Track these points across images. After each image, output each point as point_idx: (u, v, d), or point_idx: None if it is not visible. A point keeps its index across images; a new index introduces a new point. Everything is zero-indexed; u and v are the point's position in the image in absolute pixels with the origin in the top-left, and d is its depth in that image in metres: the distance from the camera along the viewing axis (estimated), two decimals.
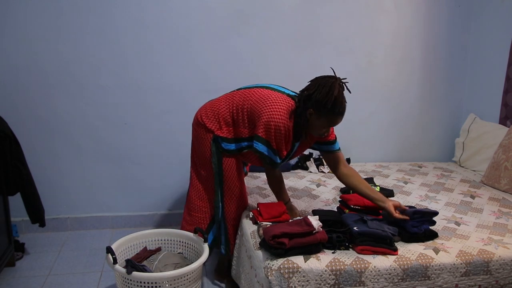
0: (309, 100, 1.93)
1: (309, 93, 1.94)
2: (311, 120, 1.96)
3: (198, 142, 2.22)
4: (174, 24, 2.82)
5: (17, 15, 2.63)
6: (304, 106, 1.96)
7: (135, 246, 2.24)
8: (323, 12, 3.01)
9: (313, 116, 1.95)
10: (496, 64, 3.05)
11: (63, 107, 2.81)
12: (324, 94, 1.88)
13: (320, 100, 1.89)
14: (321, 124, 1.96)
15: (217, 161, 2.16)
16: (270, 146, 1.98)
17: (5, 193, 2.35)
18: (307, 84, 2.01)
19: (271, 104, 1.99)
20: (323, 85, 1.91)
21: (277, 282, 1.64)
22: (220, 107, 2.16)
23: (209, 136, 2.16)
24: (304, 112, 1.96)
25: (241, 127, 2.11)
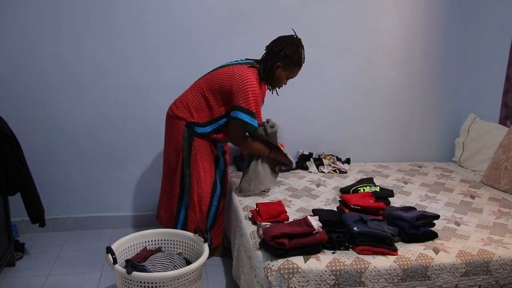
0: (278, 55, 2.27)
1: (278, 49, 2.27)
2: (277, 73, 2.31)
3: (171, 133, 2.40)
4: (174, 24, 2.82)
5: (17, 15, 2.63)
6: (273, 60, 2.28)
7: (135, 246, 2.24)
8: (323, 12, 3.01)
9: (279, 69, 2.30)
10: (496, 64, 3.05)
11: (63, 107, 2.81)
12: (293, 49, 2.27)
13: (288, 55, 2.26)
14: (286, 76, 2.33)
15: (187, 145, 2.35)
16: (249, 112, 2.23)
17: (5, 193, 2.35)
18: (271, 43, 2.34)
19: (239, 76, 2.25)
20: (291, 42, 2.29)
21: (277, 282, 1.64)
22: (187, 97, 2.38)
23: (182, 123, 2.35)
24: (272, 66, 2.28)
25: (216, 108, 2.32)
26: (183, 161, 2.36)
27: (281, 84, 2.38)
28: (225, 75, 2.30)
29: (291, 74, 2.34)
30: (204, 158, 2.38)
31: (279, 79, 2.34)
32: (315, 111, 3.17)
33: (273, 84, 2.37)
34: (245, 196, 2.41)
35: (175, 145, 2.38)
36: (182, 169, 2.37)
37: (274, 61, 2.29)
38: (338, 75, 3.15)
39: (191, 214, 2.42)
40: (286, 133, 3.15)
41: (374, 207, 2.06)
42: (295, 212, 2.21)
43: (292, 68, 2.31)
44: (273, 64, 2.29)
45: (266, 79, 2.34)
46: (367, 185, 2.46)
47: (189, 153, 2.35)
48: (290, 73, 2.33)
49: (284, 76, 2.33)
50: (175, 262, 2.11)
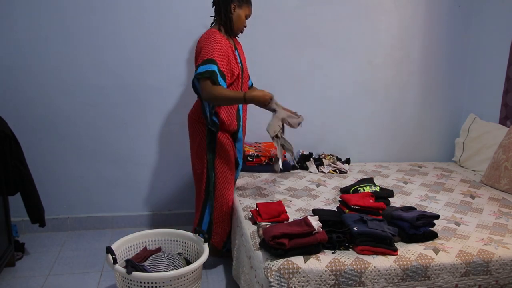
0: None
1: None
2: (235, 15, 2.29)
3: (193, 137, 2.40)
4: (174, 24, 2.82)
5: (17, 15, 2.63)
6: (225, 5, 2.26)
7: (135, 246, 2.24)
8: (323, 12, 3.01)
9: (236, 9, 2.28)
10: (496, 64, 3.05)
11: (63, 107, 2.81)
12: None
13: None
14: (244, 15, 2.31)
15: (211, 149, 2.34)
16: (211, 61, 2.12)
17: (5, 193, 2.35)
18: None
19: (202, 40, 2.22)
20: None
21: (277, 282, 1.64)
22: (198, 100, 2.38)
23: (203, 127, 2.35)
24: (227, 11, 2.27)
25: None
26: (208, 164, 2.35)
27: (242, 25, 2.35)
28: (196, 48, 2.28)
29: (247, 11, 2.33)
30: (228, 160, 2.38)
31: (238, 20, 2.31)
32: (315, 111, 3.17)
33: (234, 28, 2.32)
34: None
35: (199, 150, 2.37)
36: (207, 172, 2.36)
37: (228, 4, 2.26)
38: (338, 75, 3.15)
39: (217, 217, 2.41)
40: (286, 133, 3.14)
41: (374, 207, 2.06)
42: (295, 212, 2.21)
43: (246, 3, 2.30)
44: (227, 8, 2.27)
45: (226, 26, 2.30)
46: (367, 185, 2.46)
47: (213, 157, 2.34)
48: (246, 9, 2.32)
49: (243, 16, 2.31)
50: (175, 262, 2.11)
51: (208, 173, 2.35)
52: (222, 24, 2.31)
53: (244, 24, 2.37)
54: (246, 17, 2.35)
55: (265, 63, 2.99)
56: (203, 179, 2.37)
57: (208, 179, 2.36)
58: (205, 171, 2.36)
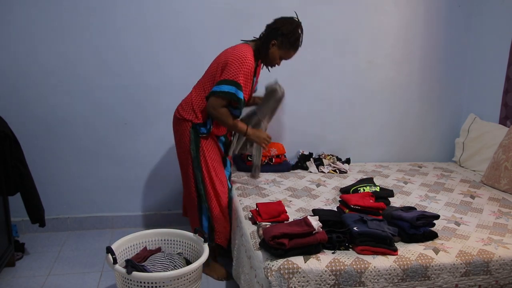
0: (275, 33, 2.25)
1: (277, 26, 2.25)
2: (272, 50, 2.28)
3: (179, 136, 2.38)
4: (174, 24, 2.82)
5: (17, 15, 2.63)
6: (268, 37, 2.27)
7: (135, 246, 2.24)
8: (323, 12, 3.01)
9: (274, 47, 2.27)
10: (496, 64, 3.05)
11: (63, 107, 2.81)
12: (291, 30, 2.24)
13: (286, 34, 2.23)
14: (279, 55, 2.29)
15: (195, 147, 2.33)
16: (234, 83, 2.16)
17: (5, 193, 2.35)
18: (273, 21, 2.31)
19: (231, 51, 2.24)
20: (291, 22, 2.27)
21: (277, 282, 1.64)
22: (192, 97, 2.36)
23: (188, 125, 2.33)
24: (267, 43, 2.26)
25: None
26: (192, 163, 2.35)
27: (275, 63, 2.34)
28: (220, 56, 2.28)
29: (285, 54, 2.31)
30: (213, 158, 2.37)
31: (272, 57, 2.30)
32: (315, 111, 3.17)
33: (266, 61, 2.34)
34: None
35: (184, 148, 2.36)
36: (193, 171, 2.35)
37: (270, 38, 2.26)
38: (338, 75, 3.15)
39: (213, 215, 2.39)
40: (286, 133, 3.15)
41: (374, 207, 2.06)
42: (295, 212, 2.21)
43: (287, 48, 2.27)
44: (268, 41, 2.27)
45: (260, 55, 2.31)
46: (367, 185, 2.46)
47: (197, 154, 2.33)
48: (284, 53, 2.30)
49: (278, 55, 2.29)
50: (175, 262, 2.11)
51: (194, 171, 2.35)
52: (259, 49, 2.30)
53: (276, 63, 2.34)
54: (281, 59, 2.33)
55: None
56: (190, 177, 2.38)
57: (196, 178, 2.36)
58: (190, 169, 2.36)
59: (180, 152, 2.42)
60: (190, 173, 2.37)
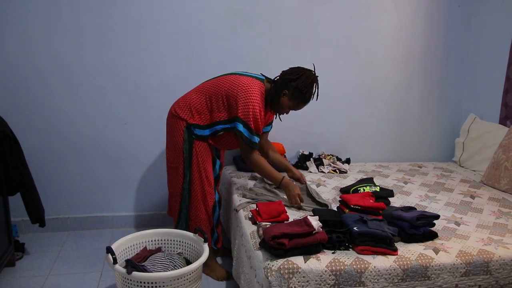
0: (289, 83, 2.21)
1: (292, 77, 2.20)
2: (282, 100, 2.25)
3: (172, 133, 2.37)
4: (174, 24, 2.82)
5: (17, 15, 2.63)
6: (281, 86, 2.23)
7: (135, 246, 2.24)
8: (323, 12, 3.01)
9: (285, 97, 2.24)
10: (496, 64, 3.05)
11: (63, 107, 2.81)
12: (306, 84, 2.19)
13: (300, 87, 2.19)
14: (289, 106, 2.27)
15: (188, 147, 2.32)
16: (248, 127, 2.20)
17: (5, 193, 2.35)
18: (289, 69, 2.27)
19: (245, 87, 2.21)
20: (307, 76, 2.21)
21: (277, 282, 1.64)
22: (191, 98, 2.35)
23: (182, 124, 2.33)
24: (280, 91, 2.23)
25: (217, 112, 2.29)
26: (184, 162, 2.35)
27: (282, 111, 2.32)
28: (233, 82, 2.25)
29: (295, 106, 2.27)
30: (205, 159, 2.37)
31: (281, 106, 2.27)
32: (315, 111, 3.17)
33: (274, 108, 2.31)
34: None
35: (176, 146, 2.36)
36: (184, 169, 2.36)
37: (283, 87, 2.22)
38: (338, 75, 3.15)
39: (194, 213, 2.40)
40: (286, 133, 3.15)
41: (374, 207, 2.06)
42: (295, 212, 2.21)
43: (298, 101, 2.24)
44: (280, 90, 2.23)
45: (270, 99, 2.27)
46: (367, 185, 2.46)
47: (189, 154, 2.33)
48: (295, 105, 2.26)
49: (287, 106, 2.26)
50: (175, 262, 2.11)
51: (184, 171, 2.35)
52: (270, 95, 2.27)
53: (284, 112, 2.33)
54: (292, 109, 2.29)
55: (265, 63, 2.99)
56: (180, 175, 2.37)
57: (184, 177, 2.36)
58: (181, 167, 2.35)
59: (171, 150, 2.40)
60: (180, 172, 2.36)
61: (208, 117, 2.32)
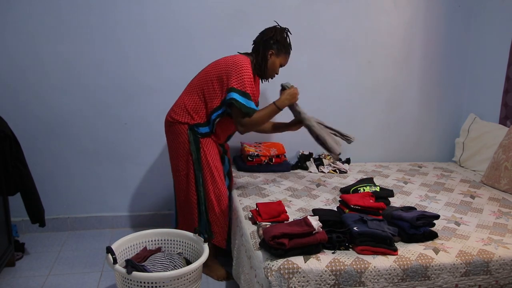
0: (270, 42, 2.30)
1: (269, 36, 2.30)
2: (271, 60, 2.32)
3: (175, 140, 2.35)
4: (174, 24, 2.82)
5: (17, 15, 2.63)
6: (265, 48, 2.30)
7: (135, 246, 2.24)
8: (323, 12, 3.01)
9: (273, 56, 2.31)
10: (496, 64, 3.05)
11: (63, 107, 2.81)
12: (283, 36, 2.32)
13: (280, 40, 2.30)
14: (278, 63, 2.34)
15: (195, 148, 2.31)
16: (244, 93, 2.19)
17: (5, 193, 2.35)
18: (260, 34, 2.36)
19: (235, 62, 2.24)
20: (280, 30, 2.33)
21: (277, 282, 1.64)
22: (184, 100, 2.35)
23: (185, 127, 2.31)
24: (265, 54, 2.30)
25: (213, 99, 2.28)
26: (194, 165, 2.32)
27: (275, 72, 2.38)
28: (219, 64, 2.29)
29: (283, 60, 2.36)
30: (214, 157, 2.36)
31: (273, 67, 2.34)
32: (315, 111, 3.15)
33: (267, 73, 2.36)
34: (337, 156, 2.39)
35: (182, 151, 2.33)
36: (195, 172, 2.33)
37: (266, 49, 2.30)
38: (338, 75, 3.15)
39: (212, 216, 2.38)
40: (286, 133, 3.14)
41: (374, 207, 2.06)
42: (295, 212, 2.21)
43: (284, 53, 2.33)
44: (265, 52, 2.30)
45: (260, 68, 2.33)
46: (367, 185, 2.46)
47: (198, 155, 2.31)
48: (282, 59, 2.35)
49: (278, 63, 2.34)
50: (175, 262, 2.11)
51: (195, 174, 2.32)
52: (256, 65, 2.33)
53: (276, 72, 2.39)
54: (281, 65, 2.38)
55: None
56: (191, 180, 2.34)
57: (197, 179, 2.33)
58: (192, 171, 2.33)
59: (176, 157, 2.36)
60: (191, 176, 2.33)
61: (205, 113, 2.32)
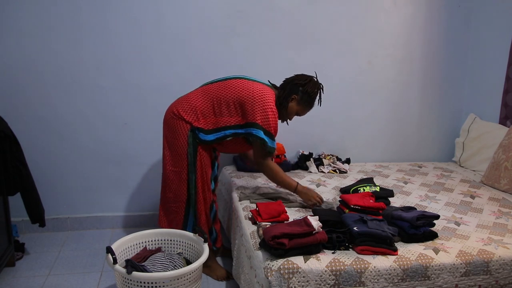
0: (298, 88, 2.27)
1: (301, 83, 2.27)
2: (290, 105, 2.29)
3: (174, 135, 2.31)
4: (174, 24, 2.82)
5: (17, 15, 2.63)
6: (291, 91, 2.27)
7: (135, 246, 2.24)
8: (323, 12, 3.01)
9: (293, 101, 2.29)
10: (496, 64, 3.05)
11: (63, 107, 2.81)
12: (315, 90, 2.28)
13: (309, 92, 2.27)
14: (295, 111, 2.32)
15: (192, 151, 2.29)
16: (269, 134, 2.20)
17: (5, 193, 2.35)
18: (295, 76, 2.32)
19: (261, 94, 2.22)
20: (314, 82, 2.30)
21: (277, 282, 1.64)
22: (196, 101, 2.30)
23: (187, 127, 2.28)
24: (289, 96, 2.27)
25: (227, 117, 2.25)
26: (189, 167, 2.30)
27: (290, 117, 2.35)
28: (246, 88, 2.23)
29: (302, 111, 2.33)
30: (207, 165, 2.35)
31: (289, 111, 2.31)
32: (315, 111, 3.16)
33: (281, 114, 2.32)
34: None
35: (179, 149, 2.30)
36: (188, 174, 2.31)
37: (292, 92, 2.27)
38: (338, 75, 3.15)
39: (198, 218, 2.37)
40: (286, 133, 3.15)
41: (374, 207, 2.05)
42: (295, 212, 2.21)
43: (305, 105, 2.30)
44: (289, 95, 2.27)
45: (278, 105, 2.28)
46: (367, 185, 2.46)
47: (194, 159, 2.29)
48: (301, 110, 2.32)
49: (295, 111, 2.31)
50: (175, 262, 2.11)
51: (189, 175, 2.31)
52: (277, 101, 2.28)
53: (290, 118, 2.37)
54: (297, 114, 2.35)
55: (265, 63, 2.99)
56: (184, 179, 2.32)
57: (189, 181, 2.32)
58: (185, 171, 2.31)
59: (172, 152, 2.33)
60: (183, 177, 2.32)
61: (213, 121, 2.26)
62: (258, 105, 2.18)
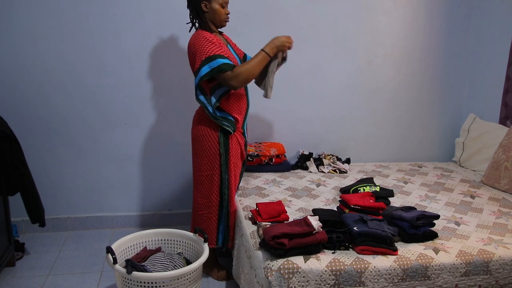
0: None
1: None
2: (210, 10, 2.21)
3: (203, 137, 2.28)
4: (174, 24, 2.82)
5: (17, 15, 2.63)
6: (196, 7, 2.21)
7: (135, 246, 2.24)
8: (323, 12, 3.01)
9: (208, 5, 2.20)
10: (496, 64, 3.05)
11: (63, 107, 2.81)
12: None
13: None
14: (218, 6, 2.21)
15: (224, 151, 2.26)
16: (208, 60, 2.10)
17: (5, 193, 2.35)
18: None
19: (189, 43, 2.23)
20: None
21: (277, 282, 1.64)
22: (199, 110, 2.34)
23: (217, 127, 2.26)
24: (200, 10, 2.21)
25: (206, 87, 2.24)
26: (221, 167, 2.28)
27: (223, 15, 2.24)
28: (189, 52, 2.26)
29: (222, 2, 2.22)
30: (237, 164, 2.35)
31: (216, 13, 2.21)
32: (315, 111, 3.17)
33: (216, 23, 2.25)
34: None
35: (209, 151, 2.27)
36: (221, 174, 2.28)
37: (198, 4, 2.20)
38: (338, 75, 3.15)
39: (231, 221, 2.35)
40: (286, 133, 3.15)
41: (374, 207, 2.06)
42: (295, 212, 2.21)
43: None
44: (200, 9, 2.20)
45: (207, 24, 2.22)
46: (367, 185, 2.46)
47: (227, 158, 2.27)
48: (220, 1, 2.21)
49: (218, 5, 2.20)
50: (175, 262, 2.11)
51: (222, 176, 2.28)
52: (203, 24, 2.23)
53: (224, 14, 2.25)
54: (223, 5, 2.23)
55: None
56: (214, 181, 2.29)
57: (222, 182, 2.29)
58: (217, 173, 2.28)
59: (204, 154, 2.29)
60: (215, 179, 2.29)
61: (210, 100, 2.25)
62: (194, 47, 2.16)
